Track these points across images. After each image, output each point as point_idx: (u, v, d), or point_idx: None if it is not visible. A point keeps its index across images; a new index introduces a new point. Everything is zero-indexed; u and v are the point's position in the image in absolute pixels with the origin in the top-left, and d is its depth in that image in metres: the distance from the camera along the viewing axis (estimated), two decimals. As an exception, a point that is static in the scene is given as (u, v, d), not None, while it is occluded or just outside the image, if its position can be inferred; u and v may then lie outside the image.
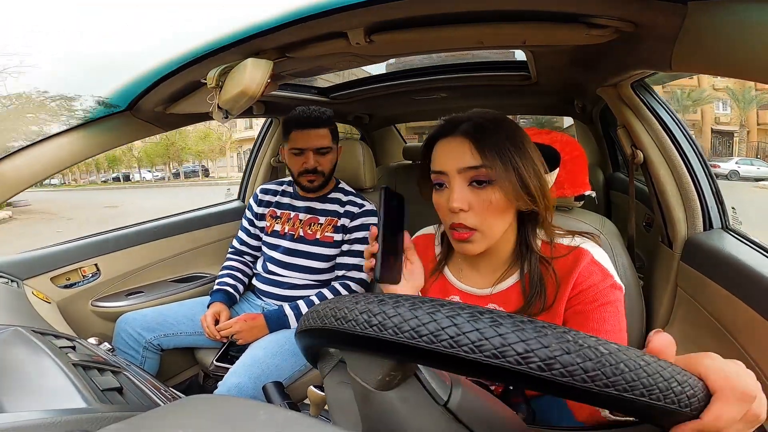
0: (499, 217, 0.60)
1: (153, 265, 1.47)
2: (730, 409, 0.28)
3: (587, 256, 0.63)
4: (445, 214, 0.62)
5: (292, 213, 1.31)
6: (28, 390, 0.48)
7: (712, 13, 0.49)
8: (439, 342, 0.26)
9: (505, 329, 0.26)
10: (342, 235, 1.25)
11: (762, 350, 0.69)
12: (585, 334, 0.27)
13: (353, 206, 1.25)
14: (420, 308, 0.28)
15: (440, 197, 0.63)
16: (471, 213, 0.59)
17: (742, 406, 0.29)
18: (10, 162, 0.99)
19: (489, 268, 0.70)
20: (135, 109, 1.09)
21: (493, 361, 0.25)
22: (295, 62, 0.90)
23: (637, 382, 0.25)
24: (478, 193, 0.59)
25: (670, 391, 0.26)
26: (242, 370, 1.05)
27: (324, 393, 0.50)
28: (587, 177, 0.92)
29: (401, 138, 2.64)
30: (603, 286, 0.61)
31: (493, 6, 0.66)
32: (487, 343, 0.25)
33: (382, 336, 0.28)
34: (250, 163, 1.86)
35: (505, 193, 0.58)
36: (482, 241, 0.61)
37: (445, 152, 0.61)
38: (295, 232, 1.29)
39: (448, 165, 0.60)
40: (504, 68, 1.36)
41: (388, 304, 0.29)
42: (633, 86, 0.94)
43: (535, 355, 0.25)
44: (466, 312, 0.27)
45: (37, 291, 1.15)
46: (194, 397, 0.35)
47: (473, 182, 0.59)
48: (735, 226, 0.97)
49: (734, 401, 0.28)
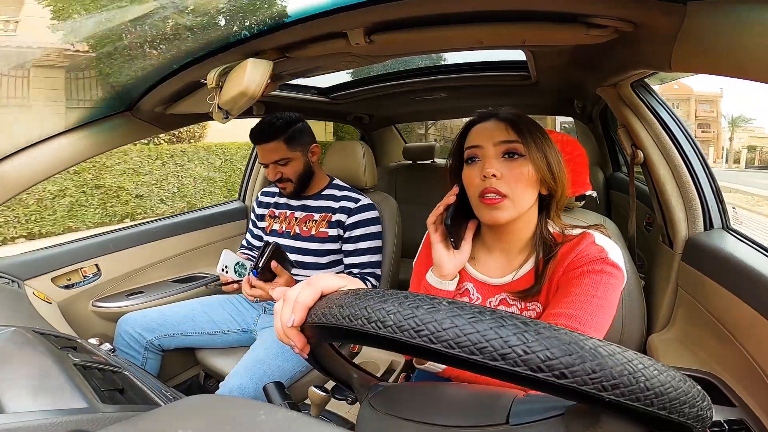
0: (528, 188, 0.65)
1: (154, 266, 1.47)
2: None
3: (589, 238, 0.66)
4: (477, 184, 0.66)
5: (288, 212, 1.33)
6: (29, 390, 0.48)
7: (711, 13, 0.49)
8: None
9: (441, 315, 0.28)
10: (338, 230, 1.25)
11: (762, 350, 0.69)
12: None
13: (349, 201, 1.25)
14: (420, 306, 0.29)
15: (472, 169, 0.67)
16: (503, 181, 0.64)
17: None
18: (11, 162, 0.99)
19: (505, 256, 0.72)
20: (135, 110, 1.09)
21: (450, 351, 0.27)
22: (294, 62, 0.90)
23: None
24: (510, 164, 0.65)
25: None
26: (244, 371, 1.05)
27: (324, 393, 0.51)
28: (588, 177, 0.92)
29: (401, 138, 2.64)
30: (594, 256, 0.63)
31: (492, 6, 0.66)
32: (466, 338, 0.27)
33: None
34: (250, 164, 1.86)
35: (535, 168, 0.64)
36: (511, 209, 0.64)
37: (483, 130, 0.68)
38: (292, 230, 1.30)
39: (483, 139, 0.66)
40: (504, 68, 1.36)
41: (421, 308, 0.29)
42: (633, 86, 0.94)
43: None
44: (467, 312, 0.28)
45: (38, 291, 1.15)
46: (195, 397, 0.35)
47: (506, 154, 0.65)
48: (735, 225, 0.97)
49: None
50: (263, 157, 1.21)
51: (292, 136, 1.20)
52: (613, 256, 0.63)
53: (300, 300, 0.37)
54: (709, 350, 0.83)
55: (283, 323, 0.38)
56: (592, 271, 0.62)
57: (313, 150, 1.27)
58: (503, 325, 0.26)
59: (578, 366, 0.24)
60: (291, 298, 0.38)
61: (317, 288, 0.38)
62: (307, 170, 1.26)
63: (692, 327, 0.90)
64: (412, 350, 0.28)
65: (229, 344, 1.29)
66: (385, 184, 2.29)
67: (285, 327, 0.38)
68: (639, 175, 1.13)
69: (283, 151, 1.19)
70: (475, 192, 0.66)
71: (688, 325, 0.91)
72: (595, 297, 0.59)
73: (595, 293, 0.59)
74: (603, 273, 0.61)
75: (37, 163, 1.01)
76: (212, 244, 1.65)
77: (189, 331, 1.24)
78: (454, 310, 0.28)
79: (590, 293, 0.59)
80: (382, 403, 0.40)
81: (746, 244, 0.84)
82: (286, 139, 1.19)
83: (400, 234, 1.38)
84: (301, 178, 1.25)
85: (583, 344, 0.25)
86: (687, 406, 0.25)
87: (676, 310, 0.96)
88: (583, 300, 0.59)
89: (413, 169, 2.32)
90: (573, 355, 0.24)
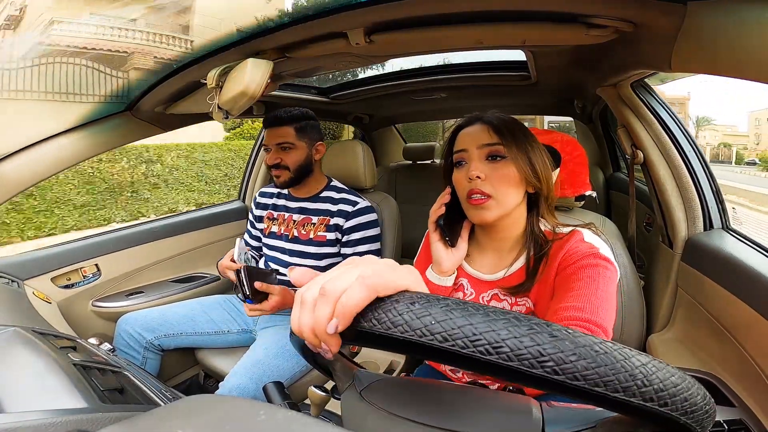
0: (512, 188, 0.68)
1: (153, 266, 1.47)
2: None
3: (578, 235, 0.68)
4: (464, 186, 0.70)
5: (287, 214, 1.33)
6: (29, 390, 0.48)
7: (711, 13, 0.49)
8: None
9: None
10: (336, 234, 1.25)
11: (762, 350, 0.69)
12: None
13: (346, 204, 1.25)
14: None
15: (460, 172, 0.71)
16: (487, 182, 0.67)
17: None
18: (11, 162, 0.99)
19: (497, 254, 0.75)
20: (135, 110, 1.09)
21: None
22: (294, 62, 0.90)
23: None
24: (493, 166, 0.68)
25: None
26: (243, 371, 1.05)
27: (323, 393, 0.51)
28: (588, 177, 0.92)
29: (401, 138, 2.64)
30: (585, 252, 0.65)
31: (492, 6, 0.66)
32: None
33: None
34: (250, 164, 1.86)
35: (517, 169, 0.67)
36: (496, 209, 0.68)
37: (468, 134, 0.71)
38: (290, 233, 1.30)
39: (468, 143, 0.70)
40: (504, 68, 1.36)
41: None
42: (633, 86, 0.94)
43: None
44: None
45: (37, 291, 1.15)
46: (194, 397, 0.35)
47: (489, 157, 0.69)
48: (735, 226, 0.97)
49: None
50: (269, 138, 1.25)
51: (303, 127, 1.24)
52: (603, 251, 0.65)
53: (348, 303, 0.29)
54: (708, 350, 0.83)
55: (318, 326, 0.30)
56: (588, 265, 0.63)
57: (318, 148, 1.28)
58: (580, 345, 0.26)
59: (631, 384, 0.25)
60: (331, 294, 0.30)
61: (372, 291, 0.29)
62: (307, 164, 1.26)
63: (692, 327, 0.90)
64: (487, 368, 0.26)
65: (228, 344, 1.29)
66: (385, 184, 2.29)
67: (320, 330, 0.30)
68: (639, 175, 1.13)
69: (291, 136, 1.23)
70: (463, 193, 0.70)
71: (688, 325, 0.91)
72: (598, 290, 0.60)
73: (598, 285, 0.61)
74: (598, 267, 0.63)
75: (37, 163, 1.01)
76: (212, 244, 1.65)
77: (189, 331, 1.24)
78: (533, 327, 0.26)
79: (593, 286, 0.60)
80: (381, 399, 0.39)
81: (746, 244, 0.84)
82: (296, 127, 1.23)
83: (400, 234, 1.38)
84: (299, 169, 1.25)
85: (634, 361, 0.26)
86: (690, 405, 0.26)
87: (675, 310, 0.96)
88: (587, 293, 0.60)
89: (413, 169, 2.32)
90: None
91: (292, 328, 0.32)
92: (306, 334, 0.31)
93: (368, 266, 0.32)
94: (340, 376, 0.46)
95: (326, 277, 0.32)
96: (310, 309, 0.31)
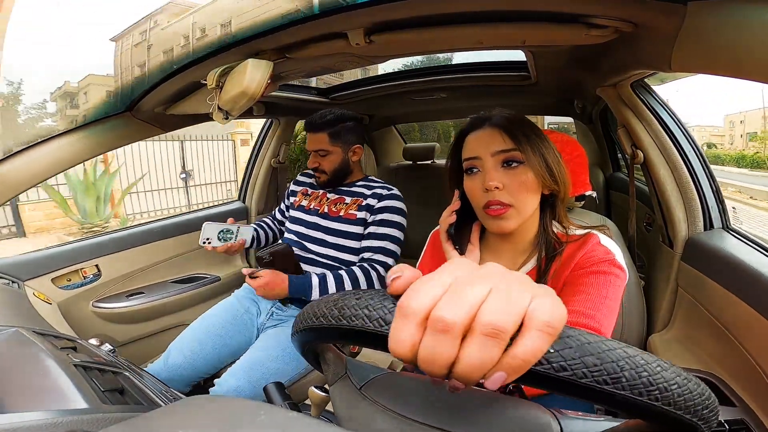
0: (530, 195, 0.66)
1: (154, 266, 1.47)
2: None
3: (594, 239, 0.67)
4: (479, 195, 0.67)
5: (321, 192, 1.37)
6: (29, 391, 0.48)
7: (712, 13, 0.48)
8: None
9: None
10: (366, 213, 1.26)
11: (763, 350, 0.69)
12: None
13: (382, 188, 1.29)
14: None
15: (473, 181, 0.68)
16: (505, 191, 0.65)
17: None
18: (11, 163, 0.99)
19: (509, 256, 0.73)
20: (135, 110, 1.09)
21: None
22: (295, 63, 0.90)
23: None
24: (510, 173, 0.65)
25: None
26: (241, 373, 1.04)
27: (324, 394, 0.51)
28: (588, 177, 0.92)
29: (401, 138, 2.63)
30: (602, 258, 0.64)
31: (492, 6, 0.66)
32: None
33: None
34: (251, 164, 1.86)
35: (534, 174, 0.64)
36: (516, 217, 0.66)
37: (478, 140, 0.68)
38: (321, 208, 1.33)
39: (481, 150, 0.66)
40: (504, 68, 1.36)
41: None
42: (633, 86, 0.94)
43: None
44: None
45: (38, 292, 1.15)
46: (195, 397, 0.35)
47: (505, 163, 0.66)
48: (735, 225, 0.96)
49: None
50: (308, 143, 1.30)
51: (338, 132, 1.26)
52: (618, 258, 0.64)
53: (527, 358, 0.21)
54: (709, 350, 0.83)
55: (471, 369, 0.22)
56: (601, 272, 0.62)
57: (355, 150, 1.31)
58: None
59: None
60: (503, 335, 0.21)
61: (552, 339, 0.22)
62: (343, 167, 1.30)
63: (692, 327, 0.90)
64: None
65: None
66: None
67: (472, 376, 0.22)
68: (639, 175, 1.13)
69: (324, 143, 1.26)
70: (479, 203, 0.67)
71: (688, 325, 0.91)
72: (606, 299, 0.60)
73: (607, 294, 0.61)
74: (611, 275, 0.62)
75: (37, 163, 1.01)
76: (212, 245, 1.65)
77: (203, 366, 1.20)
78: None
79: (602, 294, 0.61)
80: (383, 396, 0.38)
81: (746, 244, 0.84)
82: (330, 132, 1.25)
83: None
84: (336, 172, 1.29)
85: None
86: (698, 406, 0.26)
87: (676, 310, 0.96)
88: (596, 301, 0.60)
89: (413, 170, 2.32)
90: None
91: (402, 348, 0.23)
92: (437, 370, 0.22)
93: (545, 299, 0.23)
94: (331, 367, 0.45)
95: (475, 294, 0.23)
96: (454, 338, 0.22)
